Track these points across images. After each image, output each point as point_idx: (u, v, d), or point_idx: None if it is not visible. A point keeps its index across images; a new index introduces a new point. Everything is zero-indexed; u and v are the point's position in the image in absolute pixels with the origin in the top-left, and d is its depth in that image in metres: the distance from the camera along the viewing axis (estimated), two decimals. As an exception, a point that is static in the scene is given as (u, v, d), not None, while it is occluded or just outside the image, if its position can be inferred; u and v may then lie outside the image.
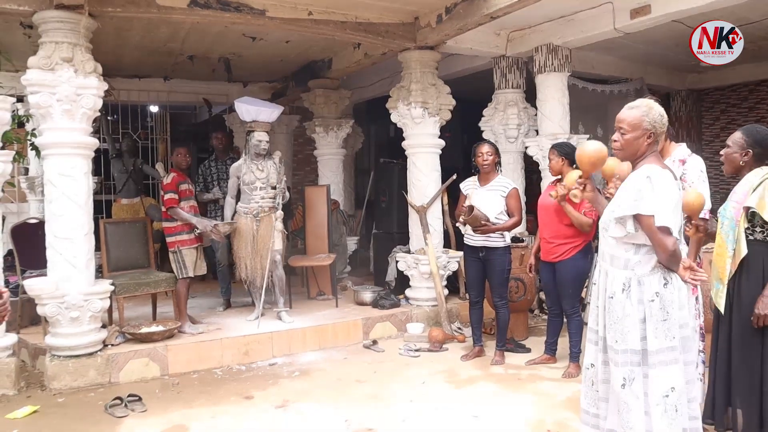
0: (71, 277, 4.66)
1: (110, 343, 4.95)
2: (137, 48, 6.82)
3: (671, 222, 2.56)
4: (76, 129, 4.70)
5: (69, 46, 4.62)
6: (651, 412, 2.61)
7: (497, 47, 6.80)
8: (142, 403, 4.26)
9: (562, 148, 4.77)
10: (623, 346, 2.67)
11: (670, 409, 2.60)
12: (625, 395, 2.65)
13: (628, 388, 2.65)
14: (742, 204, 3.11)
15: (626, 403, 2.65)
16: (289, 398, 4.41)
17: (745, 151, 3.17)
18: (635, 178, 2.68)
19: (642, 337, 2.64)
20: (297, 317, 5.98)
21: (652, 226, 2.56)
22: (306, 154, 10.48)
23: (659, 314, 2.62)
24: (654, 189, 2.58)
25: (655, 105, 2.74)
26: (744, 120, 9.33)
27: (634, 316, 2.65)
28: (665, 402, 2.59)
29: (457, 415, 4.05)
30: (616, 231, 2.71)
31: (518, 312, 5.80)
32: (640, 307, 2.65)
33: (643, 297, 2.64)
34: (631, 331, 2.65)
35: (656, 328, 2.62)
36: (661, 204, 2.56)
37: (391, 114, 6.60)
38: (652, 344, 2.62)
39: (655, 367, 2.61)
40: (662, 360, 2.61)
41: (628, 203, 2.64)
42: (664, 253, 2.57)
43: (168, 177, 5.54)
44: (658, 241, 2.56)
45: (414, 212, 6.53)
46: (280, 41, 6.69)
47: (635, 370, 2.64)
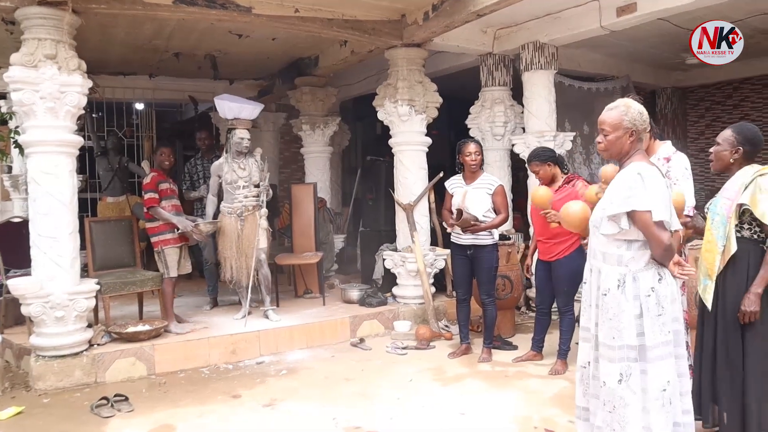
0: (56, 277, 4.62)
1: (96, 343, 4.91)
2: (122, 45, 6.76)
3: (667, 217, 2.60)
4: (60, 127, 4.66)
5: (52, 42, 4.57)
6: (649, 407, 2.63)
7: (484, 45, 6.81)
8: (128, 403, 4.23)
9: (544, 156, 4.77)
10: (619, 342, 2.68)
11: (667, 403, 2.64)
12: (621, 391, 2.66)
13: (625, 383, 2.66)
14: (733, 201, 3.14)
15: (622, 398, 2.66)
16: (277, 397, 4.40)
17: (736, 149, 3.19)
18: (625, 176, 2.71)
19: (638, 333, 2.66)
20: (284, 315, 5.97)
21: (648, 222, 2.58)
22: (292, 151, 10.45)
23: (655, 309, 2.65)
24: (646, 185, 2.61)
25: (633, 103, 2.78)
26: (728, 117, 9.44)
27: (630, 312, 2.67)
28: (663, 396, 2.63)
29: (444, 412, 4.06)
30: (608, 228, 2.73)
31: (505, 309, 5.83)
32: (636, 302, 2.67)
33: (639, 293, 2.67)
34: (627, 327, 2.66)
35: (653, 323, 2.64)
36: (657, 199, 2.59)
37: (378, 112, 6.60)
38: (649, 339, 2.64)
39: (653, 362, 2.64)
40: (659, 354, 2.65)
41: (621, 200, 2.66)
42: (659, 247, 2.60)
43: (148, 176, 5.51)
44: (654, 235, 2.59)
45: (401, 210, 6.53)
46: (266, 38, 6.66)
47: (632, 365, 2.66)
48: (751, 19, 6.03)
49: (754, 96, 9.37)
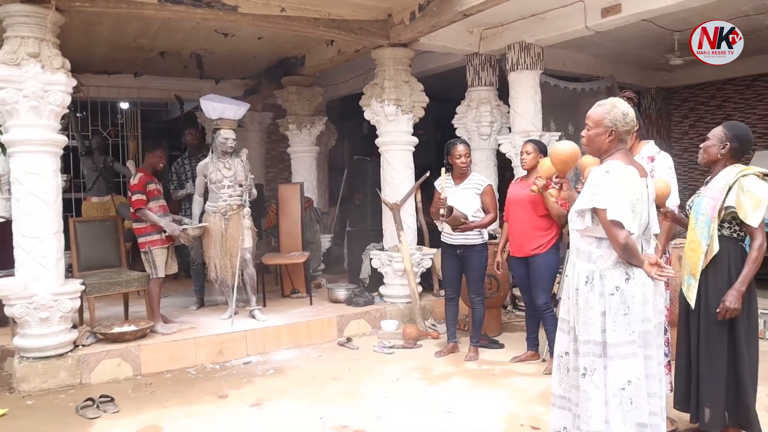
0: (40, 277, 4.58)
1: (81, 344, 4.87)
2: (107, 43, 6.72)
3: (623, 217, 2.61)
4: (44, 126, 4.61)
5: (35, 41, 4.53)
6: (609, 402, 2.68)
7: (470, 45, 6.83)
8: (114, 404, 4.21)
9: (540, 144, 4.83)
10: (586, 337, 2.74)
11: (626, 402, 2.67)
12: (585, 384, 2.73)
13: (589, 377, 2.72)
14: (717, 201, 3.19)
15: (586, 392, 2.72)
16: (264, 397, 4.39)
17: (724, 144, 3.26)
18: (596, 173, 2.76)
19: (603, 330, 2.71)
20: (271, 315, 5.95)
21: (605, 219, 2.63)
22: (279, 151, 10.42)
23: (619, 308, 2.68)
24: (610, 183, 2.65)
25: (620, 104, 2.81)
26: (711, 117, 9.54)
27: (596, 308, 2.72)
28: (621, 394, 2.67)
29: (431, 411, 4.07)
30: (577, 223, 2.80)
31: (491, 308, 5.85)
32: (602, 300, 2.72)
33: (604, 290, 2.71)
34: (594, 323, 2.72)
35: (615, 321, 2.68)
36: (615, 198, 2.63)
37: (365, 111, 6.60)
38: (610, 337, 2.68)
39: (613, 359, 2.68)
40: (620, 353, 2.68)
41: (587, 197, 2.72)
42: (616, 245, 2.64)
43: (135, 177, 5.45)
44: (611, 233, 2.64)
45: (387, 209, 6.54)
46: (252, 37, 6.65)
47: (596, 361, 2.71)
48: (734, 21, 6.09)
49: (737, 97, 9.48)
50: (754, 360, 3.23)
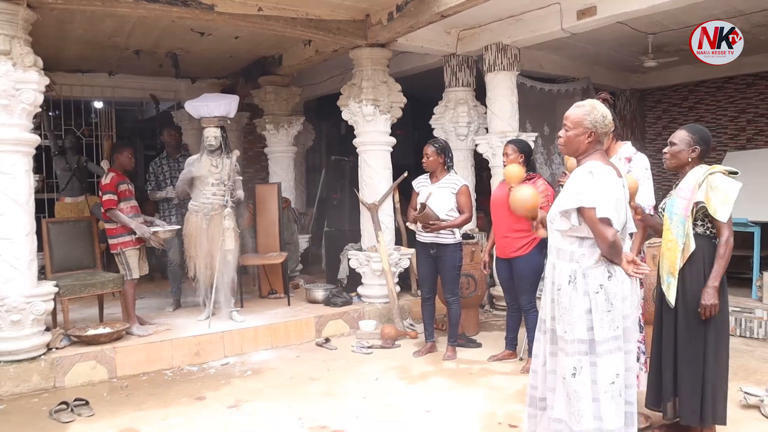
0: (12, 279, 4.50)
1: (55, 347, 4.80)
2: (80, 42, 6.61)
3: (611, 214, 2.67)
4: (16, 125, 4.53)
5: (6, 38, 4.45)
6: (600, 398, 2.71)
7: (448, 46, 6.86)
8: (89, 408, 4.15)
9: (521, 145, 4.85)
10: (571, 336, 2.76)
11: (616, 395, 2.73)
12: (575, 384, 2.74)
13: (578, 377, 2.74)
14: (689, 200, 3.27)
15: (576, 392, 2.73)
16: (242, 398, 4.36)
17: (693, 148, 3.34)
18: (578, 174, 2.80)
19: (588, 328, 2.74)
20: (249, 316, 5.92)
21: (594, 218, 2.67)
22: (256, 151, 10.36)
23: (604, 305, 2.73)
24: (595, 183, 2.69)
25: (599, 106, 2.85)
26: (684, 119, 9.69)
27: (581, 307, 2.74)
28: (612, 388, 2.71)
29: (409, 410, 4.08)
30: (560, 224, 2.82)
31: (469, 308, 5.88)
32: (586, 298, 2.74)
33: (588, 289, 2.74)
34: (578, 322, 2.74)
35: (602, 318, 2.72)
36: (602, 197, 2.67)
37: (342, 111, 6.60)
38: (598, 334, 2.72)
39: (602, 356, 2.72)
40: (608, 349, 2.73)
41: (572, 197, 2.75)
42: (604, 243, 2.68)
43: (107, 177, 5.38)
44: (599, 232, 2.67)
45: (365, 210, 6.54)
46: (229, 37, 6.59)
47: (583, 359, 2.74)
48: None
49: (708, 99, 9.64)
50: (725, 356, 3.30)
